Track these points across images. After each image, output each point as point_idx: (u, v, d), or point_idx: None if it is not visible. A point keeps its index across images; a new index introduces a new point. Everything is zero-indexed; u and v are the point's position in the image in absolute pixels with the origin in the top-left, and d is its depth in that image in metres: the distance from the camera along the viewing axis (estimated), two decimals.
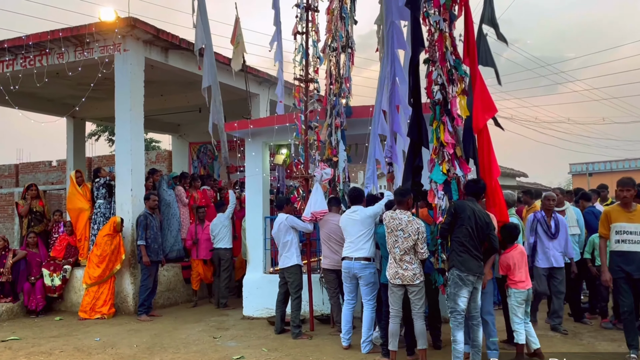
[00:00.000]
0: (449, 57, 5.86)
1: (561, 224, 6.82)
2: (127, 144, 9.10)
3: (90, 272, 8.61)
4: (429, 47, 6.05)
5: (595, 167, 47.29)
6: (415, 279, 5.40)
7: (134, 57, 9.14)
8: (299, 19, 7.90)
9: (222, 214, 9.24)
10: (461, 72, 5.90)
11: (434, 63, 5.98)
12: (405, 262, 5.41)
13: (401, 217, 5.48)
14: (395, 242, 5.46)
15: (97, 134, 29.55)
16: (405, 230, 5.40)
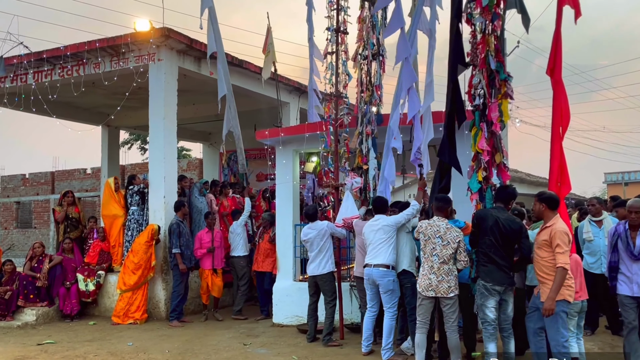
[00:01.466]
0: (490, 60, 5.78)
1: None
2: (161, 152, 9.25)
3: (125, 278, 8.75)
4: (471, 50, 6.00)
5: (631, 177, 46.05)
6: (449, 292, 5.27)
7: (168, 67, 9.30)
8: (330, 41, 8.03)
9: (236, 222, 9.20)
10: (503, 75, 5.81)
11: (475, 67, 5.91)
12: (442, 272, 5.27)
13: (439, 225, 5.39)
14: (433, 249, 5.33)
15: (129, 142, 30.12)
16: (444, 238, 5.31)
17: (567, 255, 4.76)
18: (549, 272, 4.84)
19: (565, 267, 4.71)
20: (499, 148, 5.99)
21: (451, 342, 5.32)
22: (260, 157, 13.51)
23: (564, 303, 4.82)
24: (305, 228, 7.28)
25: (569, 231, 4.91)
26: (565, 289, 4.81)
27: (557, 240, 4.76)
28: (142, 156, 29.61)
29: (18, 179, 23.36)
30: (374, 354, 6.28)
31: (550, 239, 4.81)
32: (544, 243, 4.89)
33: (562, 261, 4.70)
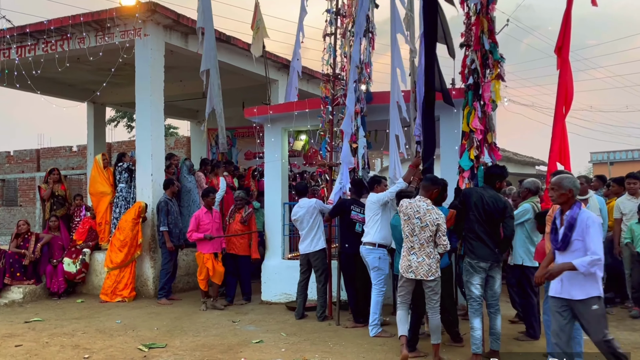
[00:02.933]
0: (484, 40, 5.80)
1: None
2: (147, 130, 9.16)
3: (112, 256, 8.72)
4: (466, 30, 6.02)
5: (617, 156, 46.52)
6: (429, 274, 5.07)
7: (154, 42, 9.16)
8: (329, 22, 7.99)
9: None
10: (496, 56, 5.84)
11: (469, 47, 5.93)
12: (423, 253, 5.08)
13: (420, 205, 5.16)
14: (412, 230, 5.13)
15: (116, 120, 29.78)
16: (423, 219, 5.07)
17: None
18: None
19: None
20: (491, 127, 6.03)
21: (432, 323, 5.20)
22: (249, 135, 13.45)
23: None
24: (295, 207, 7.31)
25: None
26: None
27: None
28: (129, 134, 29.33)
29: (2, 156, 23.09)
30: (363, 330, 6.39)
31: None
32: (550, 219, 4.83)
33: None
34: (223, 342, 6.08)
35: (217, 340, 6.20)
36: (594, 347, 5.79)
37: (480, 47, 5.96)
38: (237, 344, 5.99)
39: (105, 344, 6.11)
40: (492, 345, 5.24)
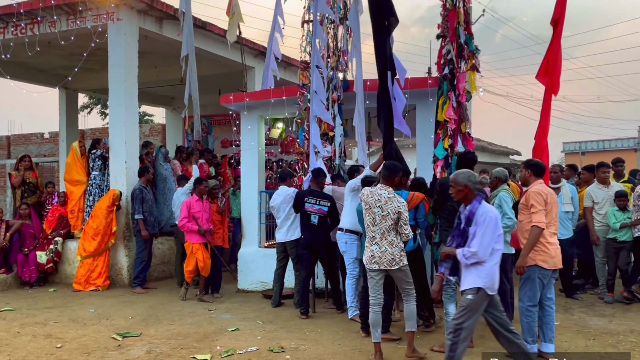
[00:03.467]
0: (460, 32, 5.85)
1: None
2: (121, 116, 9.01)
3: (85, 244, 8.59)
4: (442, 22, 6.07)
5: (588, 146, 47.43)
6: (393, 264, 4.87)
7: (128, 27, 8.98)
8: (307, 9, 7.97)
9: (181, 189, 8.48)
10: (472, 47, 5.90)
11: (445, 38, 5.98)
12: (386, 242, 4.89)
13: (381, 193, 4.95)
14: (373, 220, 4.93)
15: (89, 107, 29.25)
16: (384, 208, 4.88)
17: (541, 215, 4.72)
18: (526, 236, 4.83)
19: (539, 225, 4.68)
20: (465, 117, 6.11)
21: (407, 310, 5.01)
22: (225, 122, 13.33)
23: (536, 268, 4.83)
24: (274, 194, 7.30)
25: (546, 192, 4.87)
26: (538, 253, 4.81)
27: (530, 201, 4.79)
28: (103, 121, 28.84)
29: None
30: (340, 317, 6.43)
31: (526, 200, 4.86)
32: (523, 206, 4.94)
33: (535, 219, 4.70)
34: (199, 331, 6.06)
35: (192, 328, 6.17)
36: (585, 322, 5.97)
37: (456, 38, 6.02)
38: (213, 332, 5.97)
39: (78, 333, 6.04)
40: None
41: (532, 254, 4.81)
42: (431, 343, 5.34)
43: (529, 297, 4.88)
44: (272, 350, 5.26)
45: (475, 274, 4.07)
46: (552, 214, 4.87)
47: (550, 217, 4.84)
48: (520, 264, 4.81)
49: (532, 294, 4.87)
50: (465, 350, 4.12)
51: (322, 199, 6.63)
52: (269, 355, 5.14)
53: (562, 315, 6.45)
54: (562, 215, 7.17)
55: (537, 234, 4.72)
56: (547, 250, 4.83)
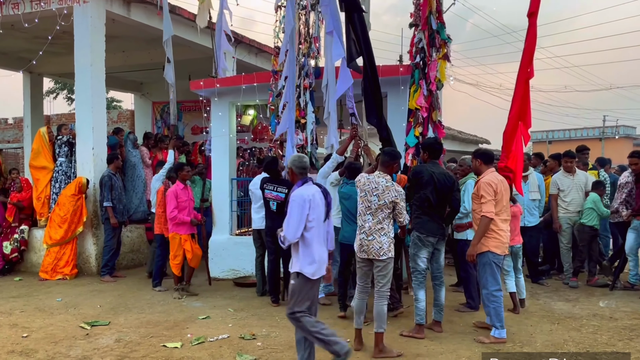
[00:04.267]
0: (432, 20, 5.88)
1: None
2: (88, 101, 8.80)
3: (51, 232, 8.41)
4: (415, 10, 6.09)
5: (555, 135, 48.44)
6: (381, 253, 4.78)
7: (94, 10, 8.75)
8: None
9: (155, 175, 8.27)
10: (443, 36, 5.93)
11: (418, 27, 6.00)
12: (374, 231, 4.83)
13: (378, 182, 4.85)
14: (367, 208, 4.86)
15: (55, 92, 28.53)
16: (381, 197, 4.79)
17: (490, 205, 4.97)
18: (478, 224, 5.13)
19: (487, 215, 4.96)
20: (436, 106, 6.16)
21: (376, 310, 4.80)
22: (195, 109, 13.17)
23: (489, 254, 5.05)
24: (254, 179, 7.28)
25: (496, 183, 5.05)
26: (491, 240, 5.04)
27: (480, 191, 5.07)
28: (69, 106, 28.18)
29: None
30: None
31: (477, 190, 5.14)
32: (474, 196, 5.20)
33: (485, 210, 4.98)
34: (169, 319, 6.01)
35: (162, 317, 6.12)
36: (550, 306, 6.11)
37: (428, 27, 6.05)
38: (183, 320, 5.93)
39: (45, 322, 5.93)
40: (435, 316, 5.40)
41: (485, 240, 5.05)
42: (401, 328, 5.41)
43: (491, 282, 5.08)
44: (243, 337, 5.26)
45: (294, 258, 4.18)
46: (503, 202, 5.09)
47: (501, 206, 5.07)
48: (470, 252, 5.10)
49: (493, 278, 5.08)
50: (314, 323, 4.09)
51: (280, 186, 6.50)
52: (240, 342, 5.14)
53: (529, 301, 6.60)
54: (529, 203, 7.36)
55: (486, 224, 4.98)
56: (498, 237, 5.06)
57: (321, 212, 4.15)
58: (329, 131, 7.23)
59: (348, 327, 5.40)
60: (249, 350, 4.90)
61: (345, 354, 4.01)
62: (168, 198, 7.04)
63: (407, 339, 5.12)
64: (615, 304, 6.41)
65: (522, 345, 4.92)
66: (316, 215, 4.09)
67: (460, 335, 5.25)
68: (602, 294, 6.90)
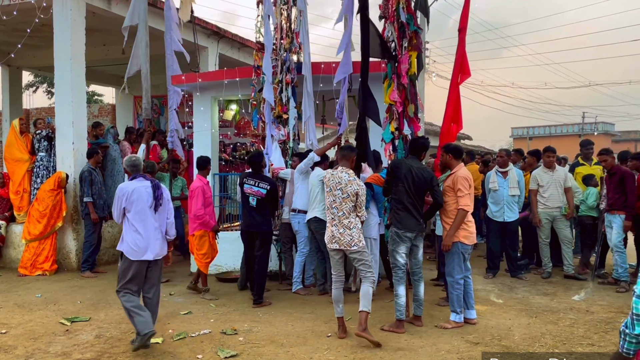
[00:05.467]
0: (400, 12, 5.85)
1: None
2: (68, 95, 8.69)
3: (30, 228, 8.31)
4: (383, 2, 6.02)
5: (535, 131, 48.99)
6: (352, 244, 4.99)
7: (74, 2, 8.64)
8: None
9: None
10: (412, 27, 5.91)
11: (387, 19, 5.97)
12: (343, 225, 5.03)
13: (341, 176, 5.09)
14: (333, 202, 5.07)
15: (34, 85, 28.09)
16: (345, 190, 5.02)
17: (467, 199, 5.26)
18: (450, 216, 5.36)
19: (465, 208, 5.24)
20: (411, 100, 6.13)
21: (362, 290, 5.05)
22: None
23: (459, 244, 5.33)
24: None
25: (470, 177, 5.39)
26: (461, 230, 5.31)
27: (458, 185, 5.27)
28: (49, 100, 27.77)
29: None
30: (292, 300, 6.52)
31: (453, 184, 5.32)
32: (449, 189, 5.39)
33: (463, 203, 5.24)
34: None
35: None
36: (528, 300, 6.20)
37: (396, 18, 6.01)
38: (165, 316, 5.91)
39: (24, 318, 5.87)
40: (415, 311, 5.45)
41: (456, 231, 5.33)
42: (382, 323, 5.46)
43: (457, 271, 5.38)
44: (225, 332, 5.27)
45: (121, 240, 4.87)
46: (472, 196, 5.41)
47: (471, 199, 5.36)
48: (446, 242, 5.35)
49: (459, 267, 5.38)
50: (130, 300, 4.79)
51: (262, 181, 6.43)
52: (222, 337, 5.14)
53: (507, 294, 6.71)
54: (509, 199, 7.46)
55: (463, 216, 5.25)
56: (467, 228, 5.35)
57: (145, 203, 4.78)
58: (308, 128, 7.25)
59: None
60: (230, 345, 4.91)
61: (145, 335, 4.55)
62: (195, 193, 6.71)
63: (387, 334, 5.17)
64: (592, 297, 6.53)
65: (500, 339, 4.99)
66: (138, 206, 4.76)
67: (439, 330, 5.31)
68: (579, 288, 7.02)
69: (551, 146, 7.91)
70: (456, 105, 6.22)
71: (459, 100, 6.27)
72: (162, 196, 4.88)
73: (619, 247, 7.04)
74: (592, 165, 8.29)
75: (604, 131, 45.28)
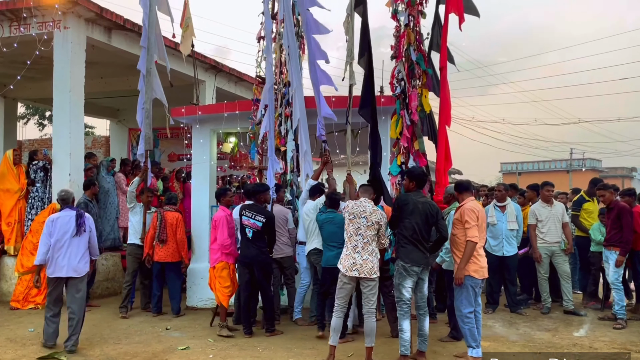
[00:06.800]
0: (411, 52, 6.03)
1: None
2: (66, 127, 8.66)
3: (23, 260, 8.16)
4: (395, 43, 6.24)
5: (524, 167, 49.49)
6: (372, 273, 5.22)
7: (75, 36, 8.70)
8: (263, 26, 7.93)
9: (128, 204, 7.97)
10: (423, 66, 6.07)
11: (397, 58, 6.15)
12: (367, 252, 5.26)
13: (366, 205, 5.41)
14: (357, 229, 5.30)
15: (26, 117, 28.02)
16: (369, 219, 5.30)
17: (475, 230, 5.22)
18: (460, 249, 5.32)
19: (473, 240, 5.20)
20: (418, 135, 6.28)
21: (367, 326, 5.25)
22: (173, 136, 13.05)
23: (468, 278, 5.27)
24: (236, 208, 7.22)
25: (478, 210, 5.38)
26: (471, 264, 5.26)
27: (465, 217, 5.27)
28: (41, 132, 27.72)
29: None
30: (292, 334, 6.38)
31: (461, 216, 5.33)
32: (457, 221, 5.39)
33: (470, 234, 5.21)
34: (147, 350, 5.86)
35: (140, 347, 5.96)
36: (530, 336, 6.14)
37: (407, 58, 6.23)
38: (162, 351, 5.79)
39: (17, 354, 5.72)
40: (420, 346, 5.38)
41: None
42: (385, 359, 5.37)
43: (465, 305, 5.27)
44: None
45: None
46: (482, 228, 5.36)
47: (480, 232, 5.31)
48: (458, 275, 5.25)
49: (467, 301, 5.28)
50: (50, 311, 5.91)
51: (258, 214, 6.41)
52: None
53: (509, 330, 6.66)
54: (507, 233, 7.47)
55: (471, 247, 5.20)
56: (477, 262, 5.29)
57: (67, 229, 5.75)
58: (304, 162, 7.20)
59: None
60: None
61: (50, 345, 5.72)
62: (219, 224, 6.63)
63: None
64: (594, 334, 6.49)
65: None
66: (60, 233, 5.74)
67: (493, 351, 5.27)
68: (580, 323, 6.98)
69: (549, 181, 7.95)
70: (446, 144, 6.46)
71: (447, 141, 6.52)
72: (84, 224, 5.83)
73: (615, 285, 7.03)
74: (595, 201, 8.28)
75: (592, 167, 45.83)
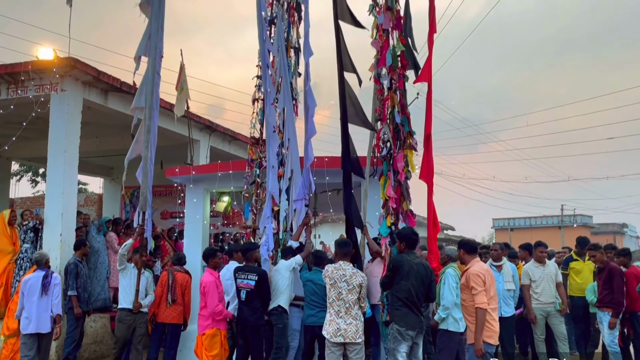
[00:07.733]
0: (395, 114, 6.14)
1: None
2: (59, 187, 8.67)
3: (9, 322, 7.88)
4: (379, 106, 6.35)
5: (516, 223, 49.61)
6: (357, 337, 5.18)
7: (72, 98, 8.84)
8: (258, 88, 8.18)
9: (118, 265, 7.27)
10: (407, 128, 6.17)
11: (382, 121, 6.26)
12: (350, 316, 5.20)
13: (345, 269, 5.36)
14: (339, 294, 5.24)
15: (19, 174, 28.03)
16: (350, 282, 5.25)
17: (482, 295, 5.03)
18: (470, 314, 5.15)
19: (482, 307, 5.01)
20: (406, 196, 6.30)
21: None
22: (166, 194, 13.09)
23: (485, 345, 5.07)
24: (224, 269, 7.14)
25: (484, 273, 5.21)
26: (485, 330, 5.05)
27: (471, 283, 5.11)
28: (33, 189, 27.67)
29: None
30: None
31: (467, 281, 5.17)
32: (464, 286, 5.24)
33: (478, 301, 5.03)
34: None
35: None
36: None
37: (391, 120, 6.35)
38: None
39: None
40: None
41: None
42: None
43: None
44: None
45: None
46: (491, 292, 5.17)
47: (489, 295, 5.12)
48: (478, 347, 5.01)
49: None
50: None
51: (250, 273, 6.29)
52: None
53: None
54: (505, 293, 7.36)
55: (482, 315, 5.02)
56: (492, 327, 5.11)
57: (35, 290, 6.53)
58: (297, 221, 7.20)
59: None
60: None
61: None
62: (208, 289, 6.42)
63: None
64: None
65: None
66: (31, 292, 6.53)
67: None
68: None
69: (542, 241, 7.94)
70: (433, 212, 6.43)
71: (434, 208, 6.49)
72: (49, 283, 6.60)
73: (612, 347, 6.95)
74: (586, 261, 8.26)
75: (583, 223, 46.04)
